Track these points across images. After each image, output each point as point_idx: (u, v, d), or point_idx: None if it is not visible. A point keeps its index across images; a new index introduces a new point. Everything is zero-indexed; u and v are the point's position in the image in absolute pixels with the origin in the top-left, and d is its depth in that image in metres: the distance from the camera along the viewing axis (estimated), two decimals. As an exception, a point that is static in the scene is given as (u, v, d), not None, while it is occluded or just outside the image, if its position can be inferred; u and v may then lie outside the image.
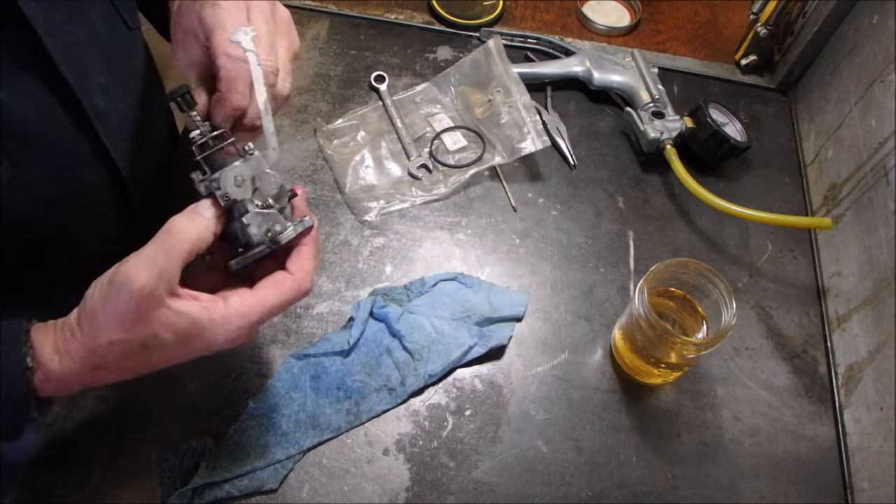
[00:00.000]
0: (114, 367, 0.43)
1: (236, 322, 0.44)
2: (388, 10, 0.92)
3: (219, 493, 0.55)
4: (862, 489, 0.61)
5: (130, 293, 0.40)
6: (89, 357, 0.42)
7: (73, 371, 0.43)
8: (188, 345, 0.44)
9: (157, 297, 0.41)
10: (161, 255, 0.42)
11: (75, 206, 0.56)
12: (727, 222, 0.77)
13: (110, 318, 0.41)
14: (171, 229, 0.43)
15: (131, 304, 0.41)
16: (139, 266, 0.41)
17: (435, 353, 0.62)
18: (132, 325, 0.41)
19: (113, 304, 0.41)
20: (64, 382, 0.43)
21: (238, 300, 0.45)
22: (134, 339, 0.42)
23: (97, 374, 0.43)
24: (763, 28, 0.87)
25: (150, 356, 0.43)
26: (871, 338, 0.64)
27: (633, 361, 0.64)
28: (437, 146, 0.79)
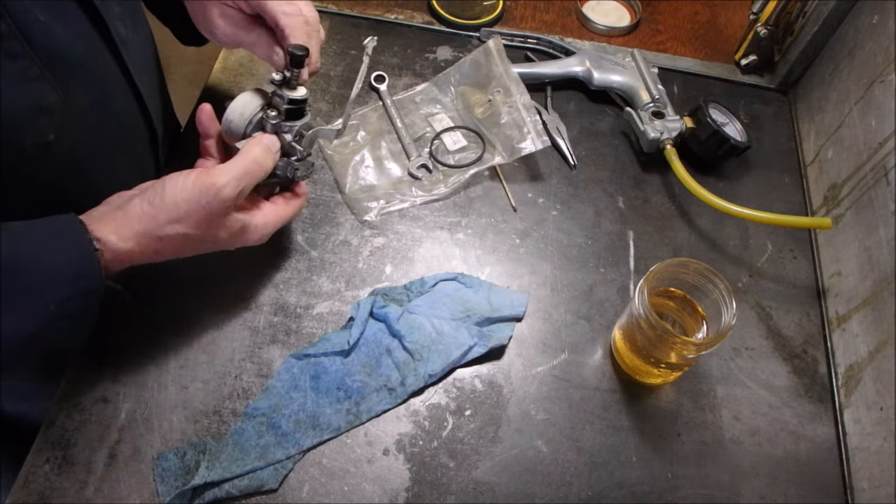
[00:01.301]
0: (170, 251, 0.51)
1: (268, 228, 0.57)
2: (388, 10, 0.92)
3: (219, 493, 0.55)
4: (862, 489, 0.61)
5: (217, 201, 0.50)
6: (155, 243, 0.50)
7: (136, 252, 0.49)
8: (232, 241, 0.55)
9: (232, 208, 0.52)
10: (246, 176, 0.52)
11: (115, 137, 0.60)
12: (727, 222, 0.77)
13: (192, 216, 0.50)
14: (254, 157, 0.53)
15: (212, 209, 0.50)
16: (230, 183, 0.50)
17: (435, 353, 0.62)
18: (206, 225, 0.51)
19: (197, 205, 0.49)
20: (125, 261, 0.50)
21: (270, 211, 0.57)
22: (200, 234, 0.51)
23: (154, 256, 0.51)
24: (763, 28, 0.87)
25: (202, 246, 0.53)
26: (871, 338, 0.64)
27: (633, 361, 0.64)
28: (437, 146, 0.79)
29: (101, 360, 0.61)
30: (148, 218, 0.49)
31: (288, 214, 0.59)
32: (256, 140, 0.55)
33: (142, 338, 0.62)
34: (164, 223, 0.49)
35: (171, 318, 0.64)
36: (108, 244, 0.48)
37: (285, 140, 0.58)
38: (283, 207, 0.59)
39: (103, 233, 0.48)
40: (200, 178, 0.50)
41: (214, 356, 0.62)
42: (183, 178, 0.50)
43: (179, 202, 0.49)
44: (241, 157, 0.53)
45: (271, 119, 0.57)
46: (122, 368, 0.61)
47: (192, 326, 0.64)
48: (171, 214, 0.49)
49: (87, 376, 0.60)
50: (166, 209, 0.49)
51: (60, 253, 0.46)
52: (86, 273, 0.47)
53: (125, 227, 0.49)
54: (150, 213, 0.49)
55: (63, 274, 0.46)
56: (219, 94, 0.81)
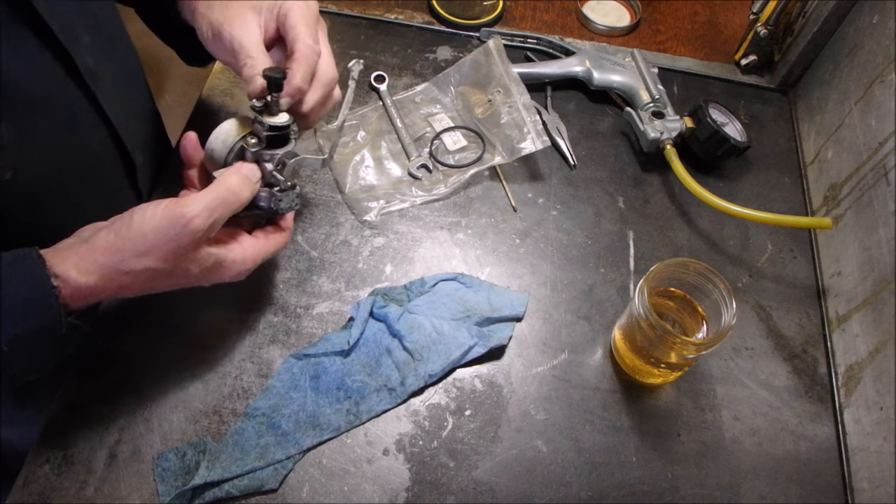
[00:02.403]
0: (137, 287, 0.48)
1: (246, 265, 0.53)
2: (388, 10, 0.92)
3: (219, 493, 0.55)
4: (862, 489, 0.61)
5: (187, 233, 0.47)
6: (120, 277, 0.47)
7: (99, 287, 0.47)
8: (205, 277, 0.51)
9: (203, 241, 0.49)
10: (220, 206, 0.48)
11: (81, 172, 0.58)
12: (727, 222, 0.77)
13: (159, 248, 0.47)
14: (230, 187, 0.50)
15: (181, 242, 0.47)
16: (201, 214, 0.47)
17: (435, 353, 0.62)
18: (175, 259, 0.47)
19: (165, 236, 0.46)
20: (87, 297, 0.47)
21: (248, 245, 0.54)
22: (168, 268, 0.48)
23: (120, 291, 0.48)
24: (763, 28, 0.87)
25: (172, 280, 0.50)
26: (871, 338, 0.64)
27: (633, 361, 0.64)
28: (437, 146, 0.79)
29: (101, 360, 0.61)
30: (112, 250, 0.46)
31: (269, 250, 0.55)
32: (234, 169, 0.52)
33: (142, 339, 0.62)
34: (130, 256, 0.46)
35: (170, 318, 0.64)
36: (69, 279, 0.45)
37: (266, 169, 0.55)
38: (264, 242, 0.55)
39: (63, 267, 0.45)
40: (169, 208, 0.47)
41: (214, 356, 0.62)
42: (152, 208, 0.47)
43: (146, 233, 0.46)
44: (216, 186, 0.49)
45: (251, 147, 0.54)
46: (122, 369, 0.61)
47: (192, 326, 0.64)
48: (137, 247, 0.46)
49: (87, 377, 0.60)
50: (132, 241, 0.46)
51: (13, 288, 0.44)
52: (41, 310, 0.44)
53: (88, 259, 0.46)
54: (116, 244, 0.46)
55: (16, 311, 0.44)
56: (217, 95, 0.81)
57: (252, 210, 0.55)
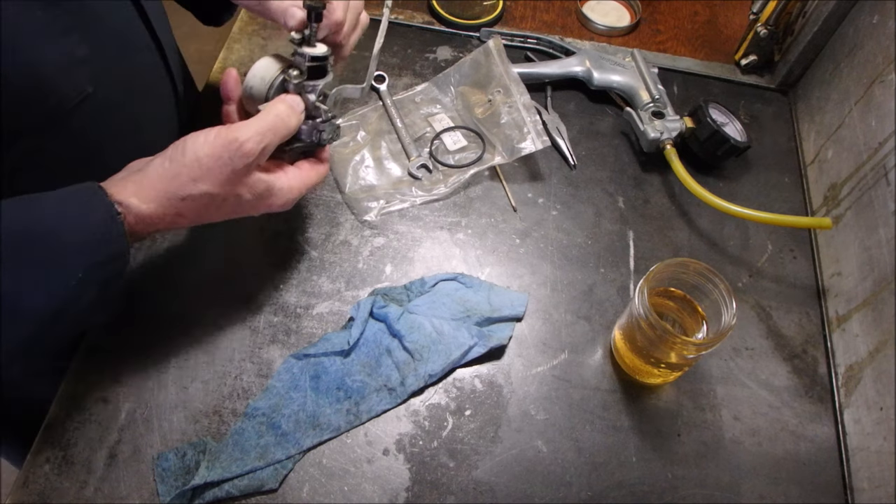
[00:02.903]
0: (193, 214, 0.50)
1: (293, 193, 0.55)
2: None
3: (219, 493, 0.55)
4: (862, 489, 0.61)
5: (240, 156, 0.48)
6: (178, 203, 0.48)
7: (158, 214, 0.48)
8: (256, 205, 0.53)
9: (254, 166, 0.50)
10: (269, 132, 0.50)
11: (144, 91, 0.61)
12: (727, 222, 0.77)
13: (214, 172, 0.48)
14: (278, 114, 0.52)
15: (235, 166, 0.48)
16: (252, 139, 0.49)
17: (435, 353, 0.62)
18: (229, 183, 0.49)
19: (219, 160, 0.48)
20: (149, 225, 0.48)
21: (294, 175, 0.56)
22: (223, 193, 0.49)
23: (177, 219, 0.50)
24: (763, 28, 0.87)
25: (226, 207, 0.51)
26: (871, 338, 0.64)
27: (633, 361, 0.64)
28: (437, 146, 0.79)
29: (101, 360, 0.61)
30: (169, 177, 0.48)
31: (312, 180, 0.58)
32: (280, 98, 0.54)
33: (142, 338, 0.62)
34: (187, 181, 0.48)
35: (171, 318, 0.64)
36: (130, 207, 0.47)
37: (309, 101, 0.56)
38: (308, 172, 0.57)
39: (124, 196, 0.47)
40: (222, 133, 0.49)
41: (214, 356, 0.62)
42: (204, 135, 0.49)
43: (201, 157, 0.48)
44: (265, 114, 0.51)
45: (293, 79, 0.55)
46: (122, 368, 0.61)
47: (192, 326, 0.64)
48: (192, 172, 0.48)
49: (87, 376, 0.60)
50: (188, 166, 0.48)
51: (81, 220, 0.45)
52: (110, 238, 0.46)
53: (147, 188, 0.47)
54: (172, 171, 0.48)
55: (86, 241, 0.45)
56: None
57: (294, 143, 0.57)
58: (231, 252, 0.69)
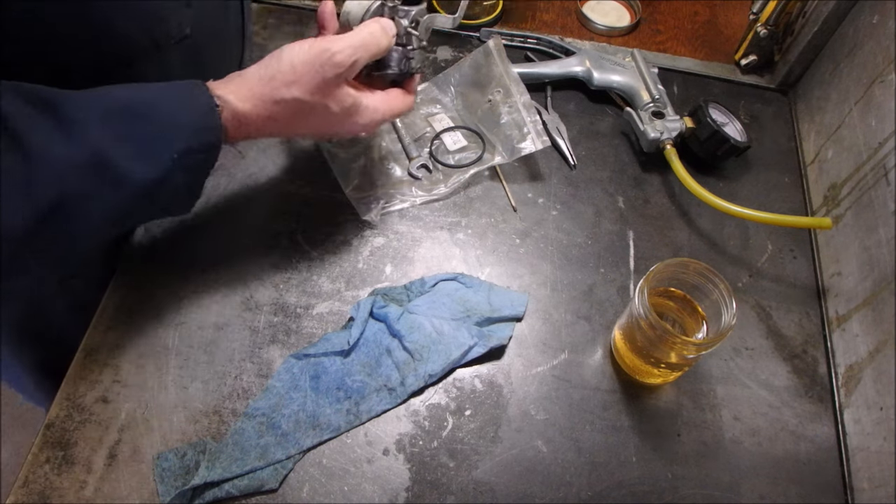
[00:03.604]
0: (283, 120, 0.53)
1: (377, 115, 0.58)
2: (388, 10, 0.92)
3: (219, 493, 0.55)
4: (862, 489, 0.61)
5: (332, 65, 0.51)
6: (272, 106, 0.52)
7: (253, 114, 0.51)
8: (343, 120, 0.56)
9: (344, 78, 0.53)
10: (361, 49, 0.53)
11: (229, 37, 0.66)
12: (727, 222, 0.77)
13: (306, 79, 0.51)
14: (371, 31, 0.54)
15: (327, 76, 0.52)
16: (344, 51, 0.52)
17: (435, 353, 0.62)
18: (319, 92, 0.52)
19: (311, 67, 0.51)
20: (242, 125, 0.52)
21: (381, 98, 0.58)
22: (313, 101, 0.52)
23: (268, 123, 0.53)
24: (763, 28, 0.87)
25: (312, 120, 0.54)
26: (871, 338, 0.64)
27: (633, 361, 0.64)
28: (437, 146, 0.79)
29: (101, 360, 0.61)
30: (266, 80, 0.51)
31: (398, 107, 0.60)
32: (374, 19, 0.56)
33: (142, 338, 0.62)
34: (280, 85, 0.51)
35: (171, 318, 0.64)
36: (228, 102, 0.50)
37: (402, 25, 0.58)
38: (395, 98, 0.60)
39: (222, 91, 0.50)
40: (317, 43, 0.52)
41: (214, 356, 0.62)
42: (299, 45, 0.52)
43: (296, 64, 0.51)
44: (358, 30, 0.54)
45: (388, 2, 0.57)
46: (122, 368, 0.61)
47: (192, 326, 0.64)
48: (286, 77, 0.51)
49: (87, 376, 0.60)
50: (283, 72, 0.51)
51: (185, 104, 0.49)
52: (207, 126, 0.49)
53: (244, 88, 0.51)
54: (268, 75, 0.51)
55: (187, 125, 0.48)
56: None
57: (385, 69, 0.58)
58: (231, 252, 0.69)
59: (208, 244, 0.69)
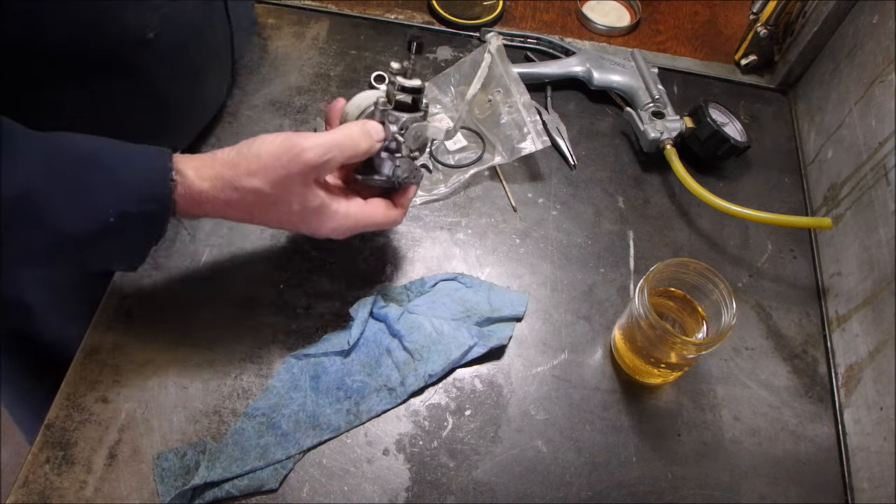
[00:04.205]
0: (241, 208, 0.51)
1: (348, 222, 0.54)
2: (388, 10, 0.92)
3: (219, 493, 0.55)
4: (862, 489, 0.61)
5: (298, 162, 0.49)
6: (230, 191, 0.49)
7: (210, 195, 0.49)
8: (307, 220, 0.53)
9: (314, 177, 0.51)
10: (335, 149, 0.50)
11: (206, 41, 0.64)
12: (727, 222, 0.77)
13: (269, 171, 0.49)
14: (350, 133, 0.52)
15: (291, 170, 0.49)
16: (315, 148, 0.49)
17: (435, 353, 0.62)
18: (280, 186, 0.49)
19: (277, 161, 0.49)
20: (196, 204, 0.49)
21: (357, 206, 0.55)
22: (273, 195, 0.50)
23: (225, 209, 0.50)
24: (763, 28, 0.87)
25: (273, 214, 0.51)
26: (871, 338, 0.64)
27: (633, 361, 0.64)
28: (437, 146, 0.79)
29: (101, 360, 0.61)
30: (229, 164, 0.50)
31: (377, 219, 0.56)
32: (359, 121, 0.54)
33: (142, 338, 0.62)
34: (243, 173, 0.49)
35: (171, 317, 0.64)
36: (186, 178, 0.48)
37: (389, 130, 0.55)
38: (373, 209, 0.56)
39: (184, 166, 0.49)
40: (289, 137, 0.50)
41: (214, 356, 0.62)
42: (273, 136, 0.50)
43: (262, 154, 0.49)
44: (336, 130, 0.52)
45: (380, 106, 0.55)
46: (122, 368, 0.61)
47: (192, 326, 0.64)
48: (250, 165, 0.49)
49: (87, 376, 0.60)
50: (248, 159, 0.49)
51: (138, 167, 0.47)
52: (155, 195, 0.47)
53: (207, 167, 0.49)
54: (234, 160, 0.50)
55: (132, 187, 0.46)
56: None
57: (370, 175, 0.55)
58: (231, 252, 0.69)
59: (208, 244, 0.69)
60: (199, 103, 0.62)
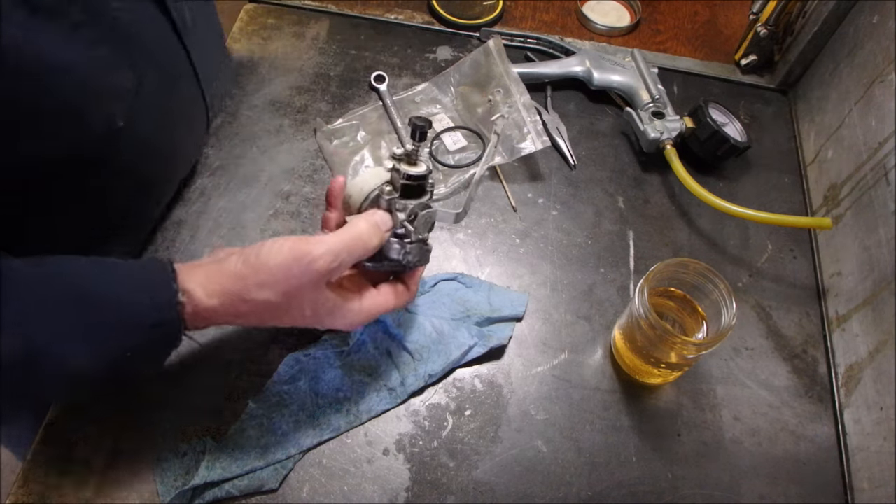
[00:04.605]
0: (254, 318, 0.49)
1: (362, 316, 0.53)
2: (388, 10, 0.92)
3: (219, 493, 0.55)
4: (862, 489, 0.61)
5: (310, 272, 0.47)
6: (240, 304, 0.48)
7: (220, 312, 0.47)
8: (321, 320, 0.51)
9: (323, 283, 0.49)
10: (345, 251, 0.49)
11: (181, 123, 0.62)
12: (727, 222, 0.77)
13: (280, 283, 0.47)
14: (358, 233, 0.50)
15: (302, 280, 0.47)
16: (326, 255, 0.48)
17: (435, 353, 0.62)
18: (293, 296, 0.48)
19: (288, 272, 0.47)
20: (206, 319, 0.48)
21: (369, 300, 0.53)
22: (286, 305, 0.48)
23: (236, 318, 0.49)
24: (763, 28, 0.87)
25: (286, 318, 0.50)
26: (871, 338, 0.64)
27: (633, 361, 0.64)
28: (437, 146, 0.79)
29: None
30: (238, 277, 0.47)
31: (390, 305, 0.54)
32: (366, 215, 0.52)
33: (142, 338, 0.62)
34: (252, 286, 0.47)
35: (171, 318, 0.64)
36: (193, 297, 0.46)
37: (398, 219, 0.53)
38: (386, 297, 0.54)
39: (191, 284, 0.46)
40: (297, 245, 0.48)
41: (214, 356, 0.62)
42: (280, 242, 0.48)
43: (271, 266, 0.47)
44: (345, 231, 0.50)
45: (386, 195, 0.53)
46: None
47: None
48: (260, 277, 0.47)
49: (87, 376, 0.60)
50: (257, 271, 0.47)
51: (142, 298, 0.45)
52: (164, 322, 0.45)
53: (215, 282, 0.47)
54: (242, 272, 0.47)
55: (139, 324, 0.45)
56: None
57: (380, 261, 0.53)
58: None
59: (208, 244, 0.69)
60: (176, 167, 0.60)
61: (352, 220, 0.52)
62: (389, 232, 0.53)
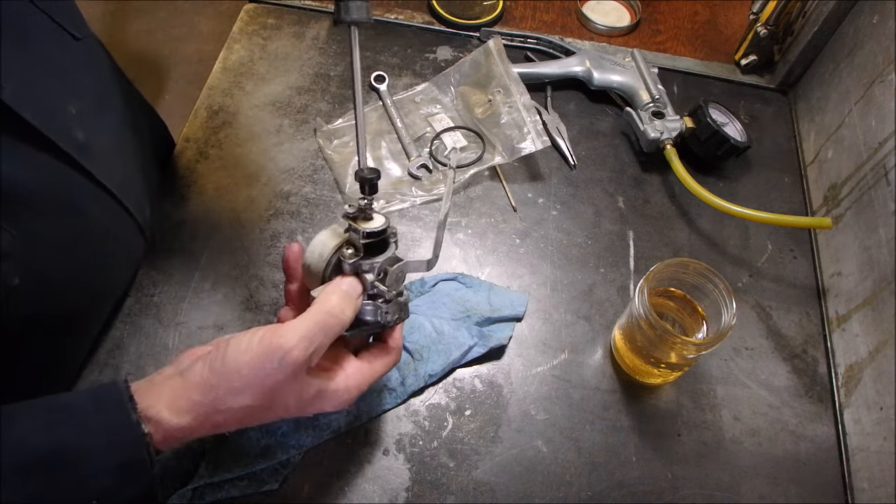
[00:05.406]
0: (234, 424, 0.44)
1: (350, 393, 0.48)
2: (388, 10, 0.92)
3: (219, 493, 0.55)
4: (862, 489, 0.61)
5: (285, 366, 0.42)
6: (215, 415, 0.43)
7: (194, 427, 0.43)
8: (305, 409, 0.46)
9: (302, 372, 0.44)
10: (320, 333, 0.44)
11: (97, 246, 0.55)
12: (727, 222, 0.77)
13: (255, 385, 0.43)
14: (330, 309, 0.45)
15: (279, 377, 0.43)
16: (299, 344, 0.43)
17: (435, 353, 0.62)
18: (272, 394, 0.43)
19: (261, 371, 0.42)
20: (180, 438, 0.43)
21: (355, 372, 0.49)
22: (266, 404, 0.44)
23: (213, 429, 0.44)
24: (763, 28, 0.87)
25: (268, 416, 0.45)
26: (871, 338, 0.64)
27: (633, 361, 0.64)
28: (437, 146, 0.79)
29: (102, 360, 0.61)
30: (207, 387, 0.43)
31: (375, 374, 0.50)
32: (333, 286, 0.47)
33: (142, 338, 0.62)
34: (225, 394, 0.43)
35: (171, 318, 0.64)
36: (161, 421, 0.42)
37: (367, 280, 0.49)
38: (370, 367, 0.50)
39: (156, 408, 0.42)
40: (266, 339, 0.43)
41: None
42: (248, 339, 0.43)
43: (241, 368, 0.43)
44: (314, 311, 0.45)
45: (349, 259, 0.48)
46: (122, 368, 0.61)
47: (192, 327, 0.64)
48: (232, 383, 0.43)
49: (87, 376, 0.60)
50: (227, 377, 0.43)
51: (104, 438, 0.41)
52: (131, 461, 0.41)
53: (182, 397, 0.42)
54: (211, 381, 0.43)
55: (107, 464, 0.40)
56: (217, 94, 0.81)
57: (357, 327, 0.50)
58: (231, 252, 0.69)
59: (208, 244, 0.69)
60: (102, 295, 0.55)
61: (319, 294, 0.47)
62: (361, 298, 0.48)
